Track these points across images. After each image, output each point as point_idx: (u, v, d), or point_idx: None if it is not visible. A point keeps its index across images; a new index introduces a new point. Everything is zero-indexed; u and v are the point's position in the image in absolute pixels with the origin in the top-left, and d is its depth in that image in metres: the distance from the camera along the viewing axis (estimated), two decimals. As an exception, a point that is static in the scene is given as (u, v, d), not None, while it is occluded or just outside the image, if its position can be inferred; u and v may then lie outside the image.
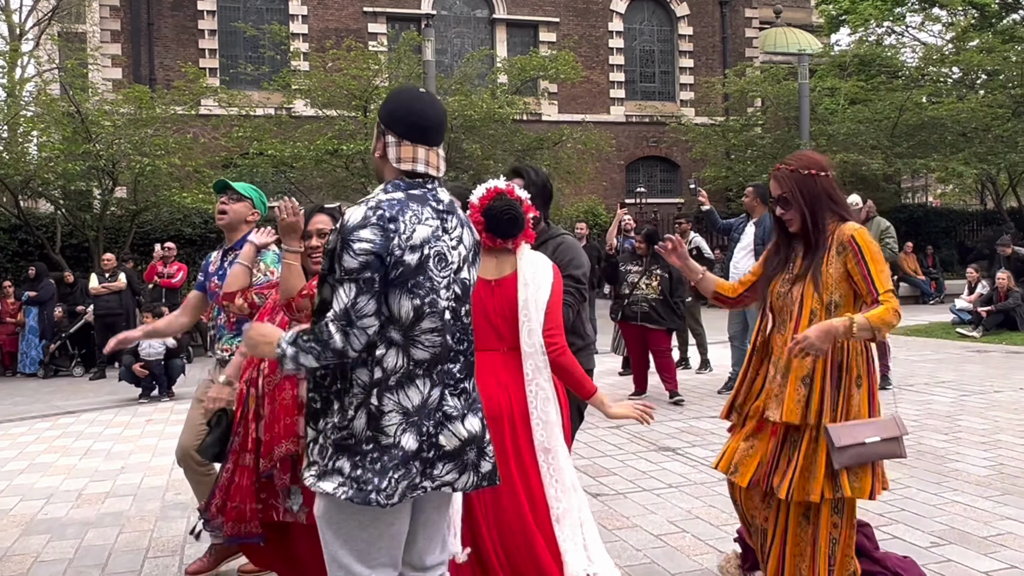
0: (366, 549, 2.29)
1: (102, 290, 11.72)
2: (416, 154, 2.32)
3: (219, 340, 3.97)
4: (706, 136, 21.90)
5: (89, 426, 8.06)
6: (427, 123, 2.35)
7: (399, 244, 2.20)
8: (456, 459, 2.33)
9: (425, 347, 2.26)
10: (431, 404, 2.27)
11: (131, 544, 4.56)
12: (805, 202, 2.98)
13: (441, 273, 2.29)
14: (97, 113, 14.59)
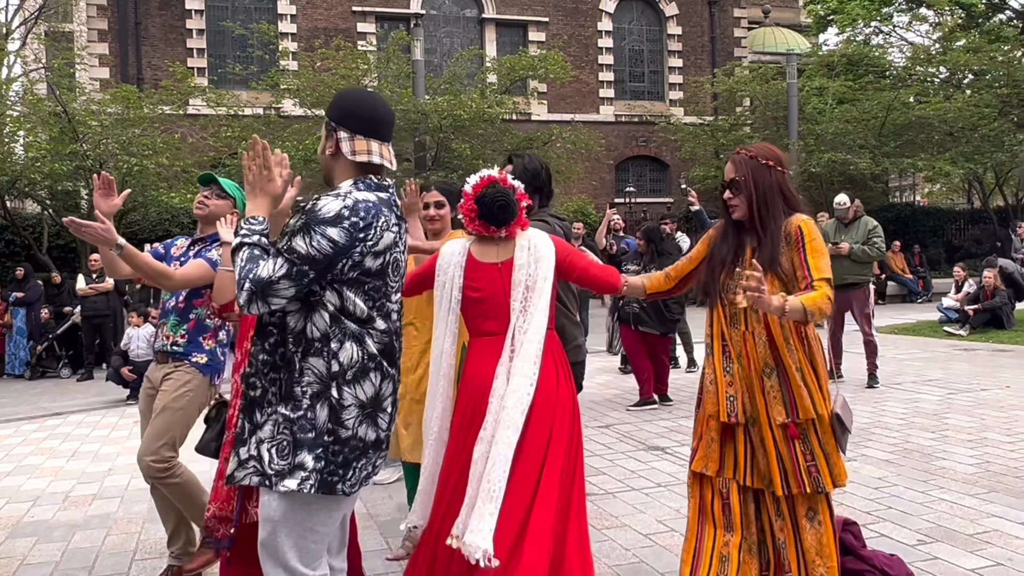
0: (314, 548, 2.33)
1: (89, 291, 11.66)
2: (370, 147, 2.36)
3: (164, 326, 3.80)
4: (695, 136, 21.94)
5: (76, 428, 8.02)
6: (378, 117, 2.39)
7: (363, 250, 2.23)
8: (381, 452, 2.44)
9: (375, 340, 2.31)
10: (383, 396, 2.34)
11: (118, 546, 4.53)
12: (756, 190, 2.95)
13: (394, 278, 2.36)
14: (84, 113, 14.52)
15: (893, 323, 13.74)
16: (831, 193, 14.65)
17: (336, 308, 2.25)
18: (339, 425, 2.25)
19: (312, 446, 2.23)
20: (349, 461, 2.27)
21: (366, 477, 2.35)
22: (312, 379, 2.24)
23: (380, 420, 2.34)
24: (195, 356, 3.76)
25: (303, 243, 2.17)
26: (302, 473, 2.22)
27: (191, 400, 3.73)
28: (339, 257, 2.19)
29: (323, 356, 2.24)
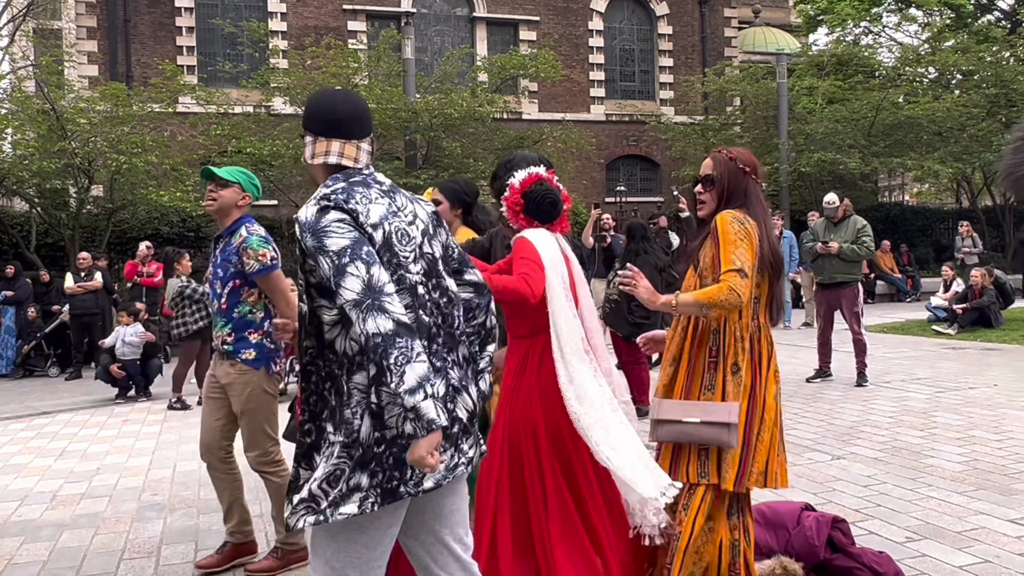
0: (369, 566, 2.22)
1: (78, 289, 11.60)
2: (329, 148, 2.33)
3: (215, 327, 4.00)
4: (685, 135, 21.97)
5: (64, 427, 7.98)
6: (336, 116, 2.35)
7: (363, 223, 2.17)
8: (472, 432, 2.35)
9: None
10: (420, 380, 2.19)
11: (106, 546, 4.51)
12: (726, 191, 3.02)
13: (407, 248, 2.26)
14: (73, 111, 14.44)
15: (882, 322, 13.79)
16: (820, 192, 14.69)
17: None
18: (383, 428, 2.14)
19: (365, 464, 2.12)
20: (402, 460, 2.13)
21: (445, 467, 2.22)
22: (359, 397, 2.15)
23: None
24: (244, 353, 3.93)
25: (332, 239, 2.11)
26: (359, 495, 2.11)
27: (258, 396, 3.95)
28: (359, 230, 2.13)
29: (364, 368, 2.15)
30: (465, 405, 2.32)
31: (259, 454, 3.96)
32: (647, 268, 7.59)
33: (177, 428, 7.69)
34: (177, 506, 5.21)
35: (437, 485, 2.21)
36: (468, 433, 2.33)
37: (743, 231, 2.88)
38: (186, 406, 8.67)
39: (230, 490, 4.09)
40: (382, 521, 2.21)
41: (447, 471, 2.24)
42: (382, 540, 2.24)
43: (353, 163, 2.33)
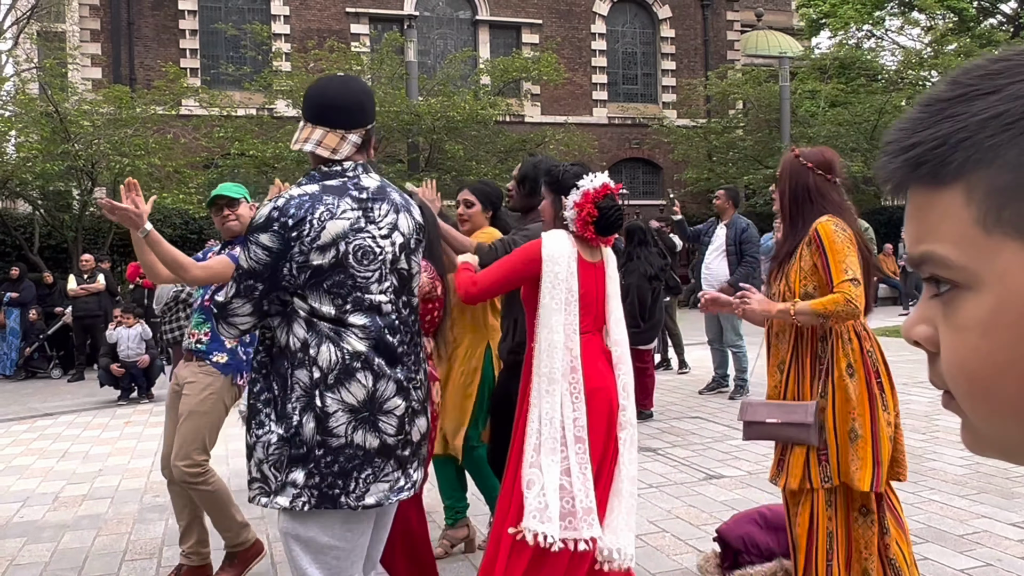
0: (336, 564, 2.20)
1: (80, 291, 11.62)
2: (311, 134, 2.26)
3: (192, 324, 3.93)
4: (688, 138, 21.97)
5: (67, 428, 7.99)
6: (322, 102, 2.28)
7: (301, 248, 2.10)
8: (418, 457, 2.31)
9: (360, 338, 2.15)
10: (381, 398, 2.17)
11: (108, 547, 4.52)
12: (788, 187, 3.02)
13: (369, 268, 2.18)
14: (76, 113, 14.47)
15: (884, 325, 13.76)
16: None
17: (307, 312, 2.13)
18: (328, 435, 2.11)
19: (303, 461, 2.11)
20: (348, 471, 2.11)
21: (390, 488, 2.19)
22: (300, 392, 2.12)
23: (383, 424, 2.16)
24: (215, 355, 3.83)
25: (243, 256, 2.13)
26: (293, 490, 2.11)
27: (215, 402, 3.81)
28: (278, 262, 2.09)
29: (305, 366, 2.12)
30: (420, 428, 2.30)
31: (189, 464, 3.70)
32: (635, 276, 7.41)
33: (179, 430, 7.69)
34: (179, 508, 5.21)
35: (378, 503, 2.17)
36: (417, 457, 2.29)
37: (847, 238, 2.88)
38: None
39: (190, 507, 3.91)
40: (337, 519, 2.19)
41: (391, 491, 2.20)
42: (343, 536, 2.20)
43: (330, 153, 2.24)
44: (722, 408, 7.69)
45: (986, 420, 0.54)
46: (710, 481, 5.34)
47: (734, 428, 6.83)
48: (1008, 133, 0.50)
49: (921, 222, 0.56)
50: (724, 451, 6.08)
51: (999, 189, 0.51)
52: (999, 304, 0.51)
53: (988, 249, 0.51)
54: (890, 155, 0.57)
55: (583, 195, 3.07)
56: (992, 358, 0.52)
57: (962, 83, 0.54)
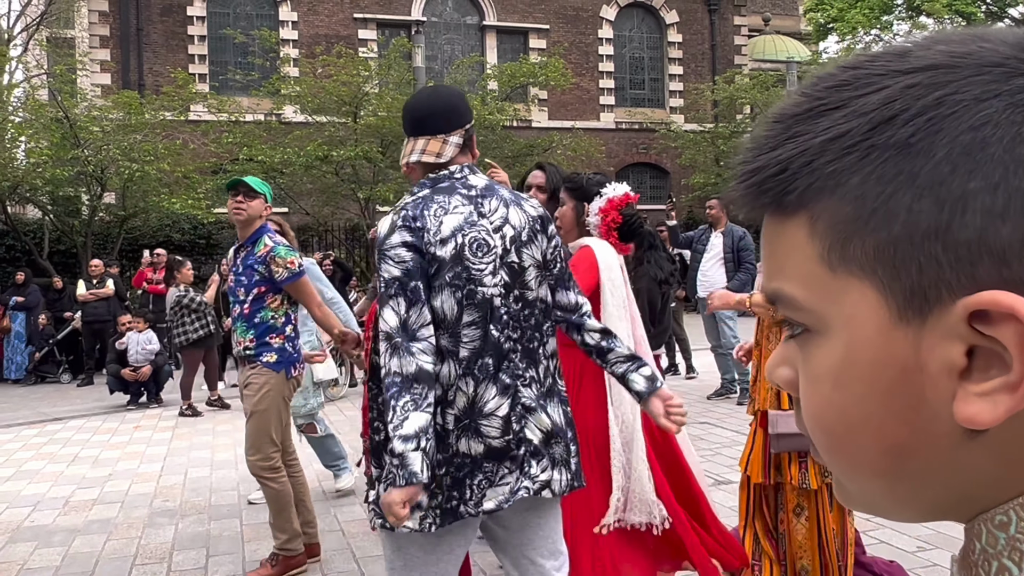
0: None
1: (90, 296, 11.67)
2: (414, 146, 2.31)
3: (236, 333, 4.05)
4: (695, 143, 21.97)
5: (76, 433, 8.02)
6: (418, 114, 2.34)
7: (429, 240, 2.14)
8: (546, 455, 2.24)
9: (464, 344, 2.15)
10: (481, 401, 2.15)
11: (118, 552, 4.54)
12: None
13: (483, 260, 2.18)
14: (86, 119, 14.54)
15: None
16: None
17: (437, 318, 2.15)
18: (444, 451, 2.13)
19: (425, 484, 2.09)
20: (460, 480, 2.13)
21: (511, 490, 2.17)
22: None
23: (485, 428, 2.15)
24: (265, 356, 3.98)
25: (387, 266, 2.12)
26: (419, 512, 2.11)
27: (272, 398, 3.98)
28: (420, 256, 2.13)
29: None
30: (540, 424, 2.23)
31: (260, 458, 3.95)
32: (645, 280, 7.52)
33: (188, 435, 7.72)
34: (188, 512, 5.23)
35: (499, 507, 2.17)
36: (539, 455, 2.22)
37: None
38: (196, 413, 8.72)
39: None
40: (445, 541, 2.20)
41: (511, 493, 2.18)
42: (448, 559, 2.23)
43: (435, 158, 2.28)
44: (730, 413, 7.68)
45: (847, 476, 0.49)
46: (719, 487, 5.33)
47: (742, 434, 6.82)
48: (850, 157, 0.44)
49: (772, 255, 0.50)
50: (733, 457, 6.07)
51: (842, 221, 0.44)
52: (848, 353, 0.45)
53: (835, 289, 0.45)
54: (736, 179, 0.51)
55: (608, 202, 3.13)
56: (845, 414, 0.46)
57: (811, 95, 0.48)
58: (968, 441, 0.43)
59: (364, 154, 15.35)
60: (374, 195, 15.62)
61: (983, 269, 0.41)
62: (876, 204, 0.43)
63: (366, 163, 15.97)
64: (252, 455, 3.98)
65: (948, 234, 0.41)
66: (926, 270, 0.42)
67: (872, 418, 0.45)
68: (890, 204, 0.43)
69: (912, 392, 0.43)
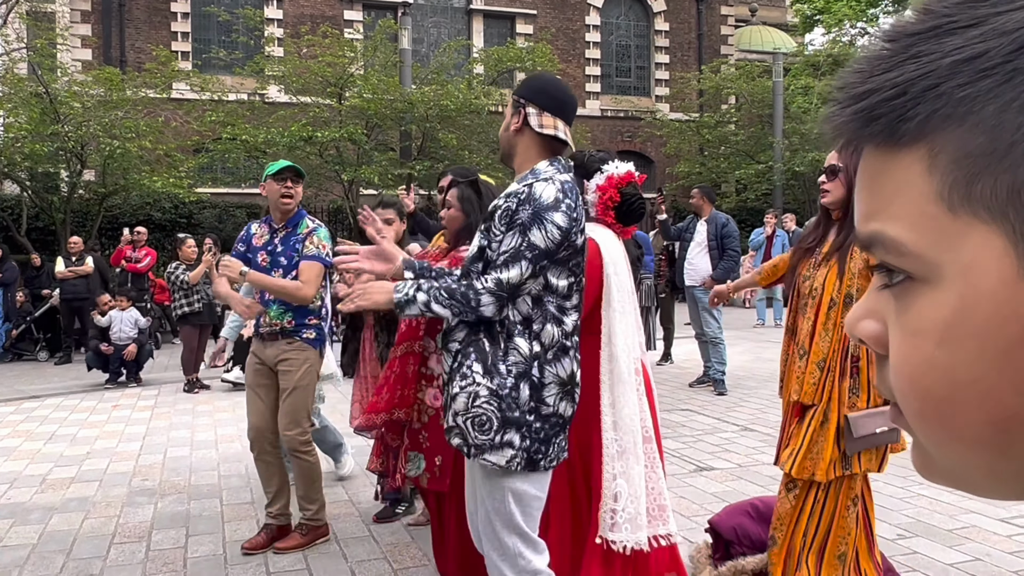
0: (524, 525, 2.40)
1: (68, 274, 11.54)
2: (557, 123, 2.46)
3: (269, 313, 4.07)
4: (680, 132, 21.98)
5: (54, 411, 7.93)
6: (566, 99, 2.50)
7: (576, 229, 2.34)
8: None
9: (571, 324, 2.39)
10: (576, 374, 2.42)
11: (96, 530, 4.49)
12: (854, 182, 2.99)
13: (581, 255, 2.43)
14: (66, 94, 14.32)
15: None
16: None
17: (540, 288, 2.33)
18: (541, 403, 2.33)
19: (519, 425, 2.31)
20: (550, 437, 2.36)
21: (561, 452, 2.42)
22: (517, 359, 2.32)
23: (576, 395, 2.43)
24: (305, 333, 4.10)
25: (540, 236, 2.28)
26: (510, 451, 2.32)
27: (312, 375, 4.13)
28: (565, 241, 2.31)
29: (526, 337, 2.33)
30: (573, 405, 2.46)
31: (299, 432, 4.05)
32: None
33: (167, 414, 7.65)
34: (168, 492, 5.19)
35: (559, 463, 2.44)
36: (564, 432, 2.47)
37: None
38: (203, 386, 8.81)
39: (280, 475, 4.22)
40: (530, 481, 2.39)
41: (562, 452, 2.45)
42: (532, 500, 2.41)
43: (571, 144, 2.50)
44: (711, 401, 7.71)
45: (940, 446, 0.43)
46: (701, 473, 5.35)
47: (724, 421, 6.86)
48: (987, 81, 0.38)
49: (873, 193, 0.45)
50: (714, 443, 6.10)
51: (970, 155, 0.39)
52: (962, 306, 0.40)
53: (952, 233, 0.40)
54: (840, 104, 0.45)
55: (607, 179, 3.07)
56: (951, 374, 0.40)
57: (936, 12, 0.42)
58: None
59: (349, 136, 15.23)
60: (358, 177, 15.51)
61: None
62: (1016, 137, 0.37)
63: (350, 145, 15.85)
64: (292, 430, 4.04)
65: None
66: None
67: (982, 382, 0.39)
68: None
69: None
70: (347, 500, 4.94)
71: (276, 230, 4.11)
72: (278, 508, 4.23)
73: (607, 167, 3.09)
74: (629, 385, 2.92)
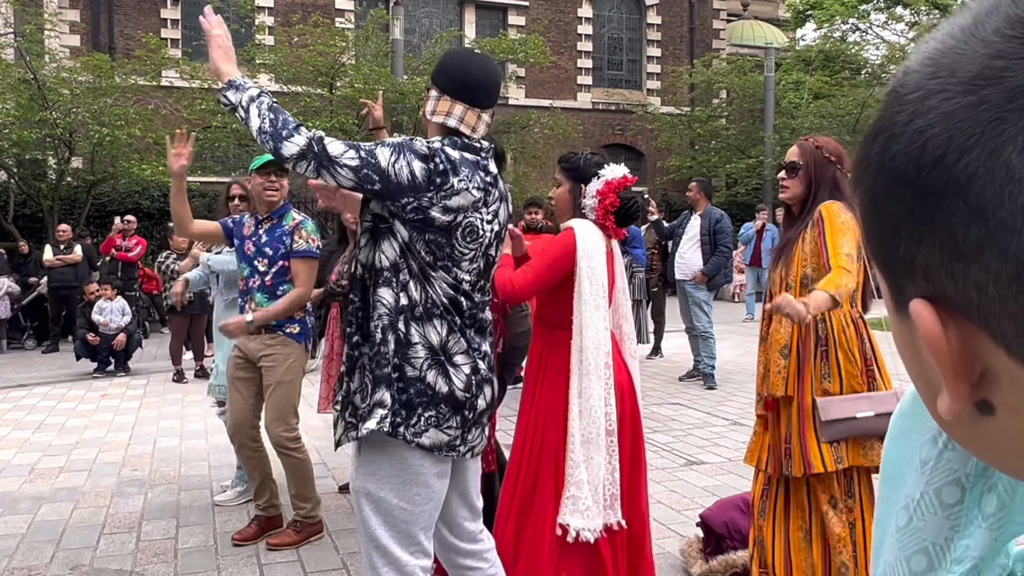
0: (406, 522, 2.24)
1: (56, 262, 11.46)
2: (452, 109, 2.28)
3: (252, 302, 4.02)
4: (672, 126, 21.99)
5: (42, 400, 7.89)
6: (467, 79, 2.30)
7: (432, 199, 2.16)
8: (482, 423, 2.36)
9: (440, 293, 2.22)
10: (451, 350, 2.23)
11: (86, 520, 4.48)
12: (813, 179, 2.99)
13: (467, 245, 2.24)
14: (55, 80, 14.20)
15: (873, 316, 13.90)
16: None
17: (404, 242, 2.19)
18: (405, 361, 2.19)
19: (388, 382, 2.18)
20: (414, 405, 2.18)
21: (449, 442, 2.23)
22: (383, 311, 2.19)
23: (454, 376, 2.22)
24: (288, 327, 4.05)
25: (386, 156, 2.13)
26: (381, 411, 2.18)
27: (297, 370, 4.08)
28: (407, 193, 2.14)
29: (392, 287, 2.19)
30: (485, 398, 2.34)
31: (285, 428, 4.00)
32: None
33: (156, 404, 7.62)
34: (158, 482, 5.17)
35: (432, 449, 2.23)
36: (479, 424, 2.34)
37: (850, 221, 2.86)
38: (182, 378, 8.78)
39: (261, 468, 4.18)
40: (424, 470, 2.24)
41: (447, 447, 2.26)
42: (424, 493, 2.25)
43: (470, 131, 2.30)
44: (701, 395, 7.74)
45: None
46: (691, 467, 5.37)
47: (713, 415, 6.88)
48: None
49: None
50: (705, 437, 6.12)
51: None
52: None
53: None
54: None
55: (605, 184, 3.04)
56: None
57: None
58: None
59: (340, 126, 15.17)
60: (349, 168, 15.47)
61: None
62: None
63: (341, 135, 15.79)
64: (278, 427, 3.99)
65: None
66: None
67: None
68: None
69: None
70: (336, 491, 4.93)
71: (261, 221, 4.11)
72: (265, 500, 4.22)
73: (604, 171, 3.06)
74: (597, 377, 2.95)
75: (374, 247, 2.22)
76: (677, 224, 8.58)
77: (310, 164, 2.11)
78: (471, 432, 2.31)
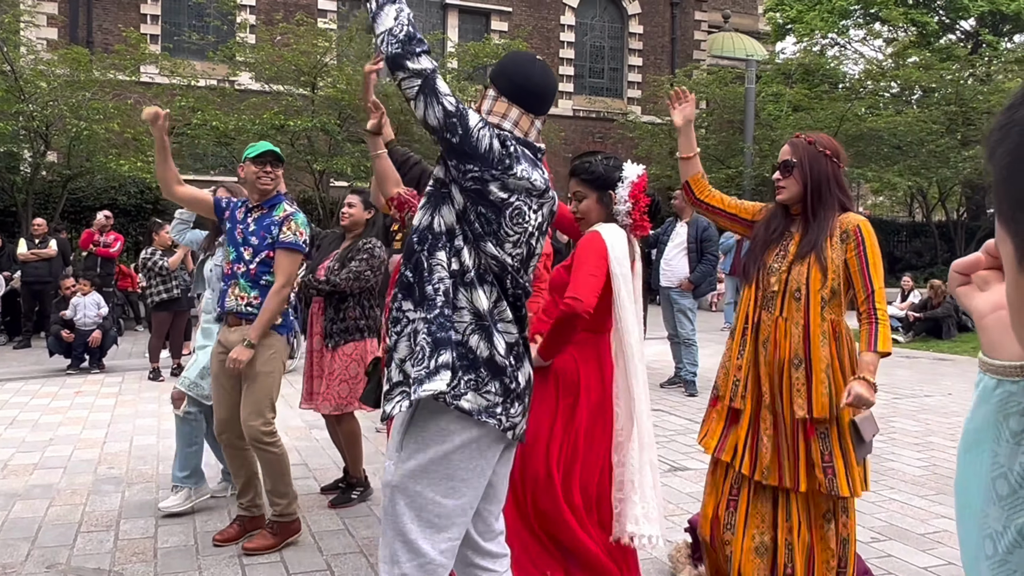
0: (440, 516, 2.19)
1: (31, 256, 11.28)
2: (508, 112, 2.30)
3: (238, 289, 3.94)
4: (652, 134, 22.09)
5: (14, 395, 7.74)
6: (527, 85, 2.31)
7: (491, 173, 2.17)
8: (523, 402, 2.31)
9: (490, 262, 2.22)
10: (497, 317, 2.22)
11: (62, 518, 4.38)
12: (810, 175, 2.92)
13: (513, 227, 2.24)
14: (32, 72, 13.99)
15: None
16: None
17: (460, 209, 2.19)
18: (451, 323, 2.18)
19: (453, 345, 2.15)
20: (456, 369, 2.15)
21: (487, 408, 2.18)
22: (443, 273, 2.17)
23: (496, 340, 2.19)
24: None
25: (475, 120, 2.18)
26: (448, 373, 2.12)
27: (277, 362, 3.97)
28: (477, 160, 2.16)
29: (447, 251, 2.18)
30: (524, 375, 2.30)
31: (262, 423, 3.89)
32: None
33: (133, 402, 7.51)
34: (135, 480, 5.08)
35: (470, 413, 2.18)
36: (520, 402, 2.29)
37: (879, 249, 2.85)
38: (159, 376, 8.61)
39: (247, 466, 4.11)
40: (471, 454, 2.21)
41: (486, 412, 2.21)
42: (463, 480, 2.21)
43: (522, 136, 2.31)
44: (682, 402, 7.75)
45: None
46: (675, 473, 5.36)
47: (695, 422, 6.89)
48: None
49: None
50: (687, 444, 6.12)
51: None
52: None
53: None
54: None
55: (632, 186, 3.00)
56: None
57: None
58: None
59: (321, 126, 15.08)
60: (330, 167, 15.37)
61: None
62: None
63: (323, 135, 15.70)
64: (255, 420, 3.87)
65: None
66: None
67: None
68: None
69: None
70: (318, 492, 4.87)
71: (251, 209, 4.03)
72: (248, 500, 4.15)
73: (626, 173, 3.02)
74: (640, 382, 2.94)
75: (434, 210, 2.23)
76: (661, 232, 8.56)
77: (416, 86, 2.15)
78: (512, 405, 2.25)
